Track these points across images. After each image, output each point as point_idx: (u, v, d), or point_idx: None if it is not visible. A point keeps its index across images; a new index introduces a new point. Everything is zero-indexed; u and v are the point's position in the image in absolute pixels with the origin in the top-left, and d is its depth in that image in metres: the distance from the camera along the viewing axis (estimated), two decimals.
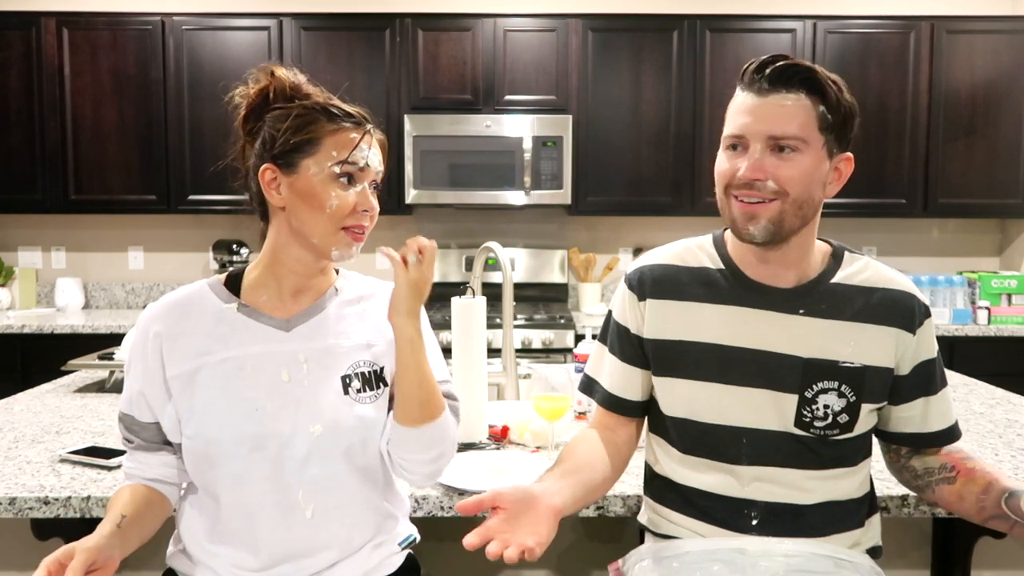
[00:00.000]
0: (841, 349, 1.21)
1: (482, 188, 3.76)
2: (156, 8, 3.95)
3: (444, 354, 1.37)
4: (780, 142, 1.15)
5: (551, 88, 3.80)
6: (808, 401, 1.20)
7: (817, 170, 1.17)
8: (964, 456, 1.28)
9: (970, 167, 3.85)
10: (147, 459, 1.24)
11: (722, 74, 3.81)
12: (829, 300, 1.23)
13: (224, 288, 1.26)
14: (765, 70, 1.16)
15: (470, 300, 1.73)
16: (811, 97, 1.16)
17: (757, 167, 1.16)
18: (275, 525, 1.19)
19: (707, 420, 1.24)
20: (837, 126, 1.17)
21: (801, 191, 1.16)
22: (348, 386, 1.23)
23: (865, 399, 1.22)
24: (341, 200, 1.18)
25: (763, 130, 1.16)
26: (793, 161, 1.16)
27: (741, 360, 1.23)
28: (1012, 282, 3.68)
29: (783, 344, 1.22)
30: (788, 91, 1.16)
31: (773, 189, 1.16)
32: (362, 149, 1.20)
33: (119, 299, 4.23)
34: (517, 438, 1.68)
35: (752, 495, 1.23)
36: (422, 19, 3.79)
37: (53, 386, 2.28)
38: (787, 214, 1.17)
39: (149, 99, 3.79)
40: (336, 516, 1.22)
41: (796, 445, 1.22)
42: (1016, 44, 3.81)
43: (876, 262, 1.29)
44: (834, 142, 1.18)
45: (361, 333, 1.27)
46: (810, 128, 1.15)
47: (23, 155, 3.80)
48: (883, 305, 1.23)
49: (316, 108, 1.19)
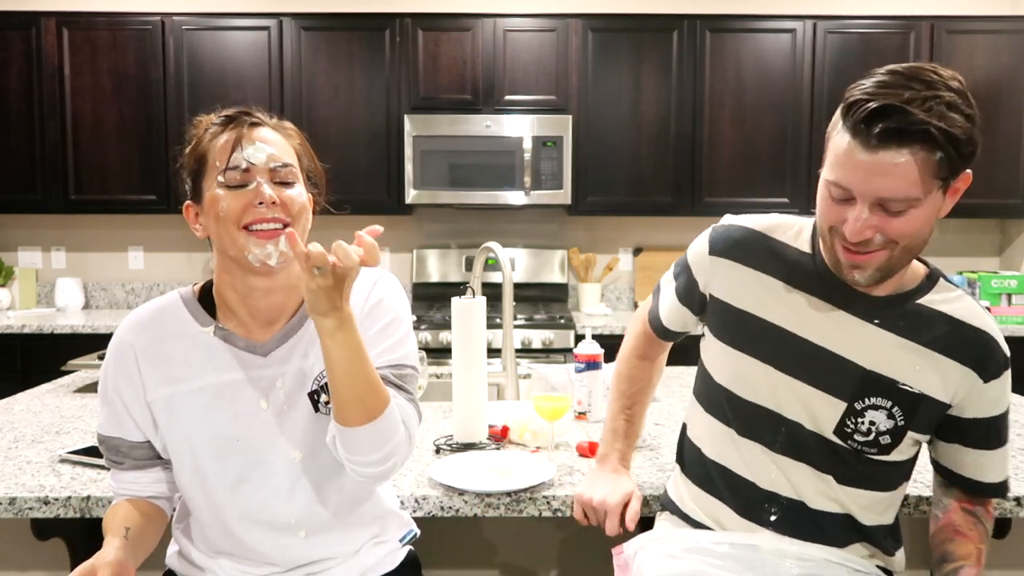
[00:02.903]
0: (905, 370, 1.16)
1: (482, 188, 3.75)
2: (156, 8, 3.95)
3: (444, 354, 1.36)
4: (891, 205, 1.05)
5: (551, 88, 3.80)
6: (856, 412, 1.17)
7: (933, 212, 1.08)
8: (973, 523, 1.24)
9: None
10: (139, 478, 1.22)
11: (722, 74, 3.81)
12: (910, 319, 1.17)
13: (199, 305, 1.21)
14: (874, 126, 1.02)
15: (470, 300, 1.73)
16: (927, 148, 1.02)
17: (865, 228, 1.07)
18: (271, 546, 1.18)
19: (750, 398, 1.23)
20: (957, 163, 1.04)
21: (913, 239, 1.09)
22: (317, 401, 1.18)
23: (914, 427, 1.18)
24: (229, 204, 1.10)
25: (871, 192, 1.05)
26: (905, 216, 1.06)
27: (800, 351, 1.19)
28: (1012, 282, 3.68)
29: (847, 348, 1.17)
30: (900, 147, 1.01)
31: (881, 241, 1.08)
32: (241, 149, 1.11)
33: (119, 299, 4.23)
34: (517, 438, 1.68)
35: (776, 488, 1.21)
36: (422, 19, 3.79)
37: (53, 386, 2.28)
38: (895, 260, 1.11)
39: (149, 99, 3.79)
40: (330, 531, 1.21)
41: (831, 452, 1.19)
42: (1016, 44, 3.81)
43: (971, 299, 1.20)
44: (956, 174, 1.06)
45: None
46: (926, 183, 1.03)
47: (23, 155, 3.79)
48: (964, 341, 1.16)
49: (210, 122, 1.17)
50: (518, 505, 1.38)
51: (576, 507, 1.34)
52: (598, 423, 1.85)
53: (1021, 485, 1.41)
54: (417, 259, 4.12)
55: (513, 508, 1.38)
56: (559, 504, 1.38)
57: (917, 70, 1.05)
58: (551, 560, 1.75)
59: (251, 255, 1.11)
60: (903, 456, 1.21)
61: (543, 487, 1.40)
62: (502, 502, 1.37)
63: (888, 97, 1.02)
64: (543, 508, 1.38)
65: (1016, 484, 1.41)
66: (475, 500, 1.37)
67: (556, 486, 1.41)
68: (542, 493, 1.38)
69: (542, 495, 1.38)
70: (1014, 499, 1.37)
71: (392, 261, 4.22)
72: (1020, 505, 1.37)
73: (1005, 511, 1.37)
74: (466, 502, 1.38)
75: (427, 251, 4.12)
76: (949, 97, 1.02)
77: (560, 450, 1.63)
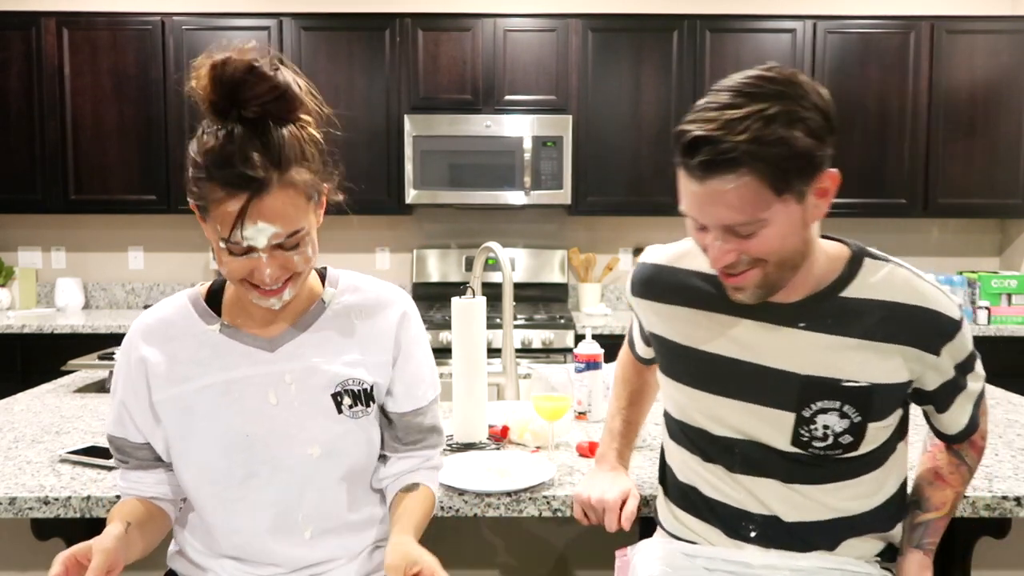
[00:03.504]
0: (845, 367, 1.12)
1: (482, 188, 3.75)
2: (156, 8, 3.95)
3: (444, 354, 1.36)
4: (738, 229, 1.04)
5: (551, 88, 3.80)
6: (806, 420, 1.14)
7: (792, 224, 1.04)
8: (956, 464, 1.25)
9: (970, 167, 3.85)
10: (143, 478, 1.22)
11: (722, 74, 3.74)
12: (837, 315, 1.13)
13: (205, 305, 1.21)
14: (693, 158, 1.01)
15: (470, 300, 1.73)
16: (750, 170, 0.99)
17: (723, 254, 1.07)
18: (273, 547, 1.18)
19: (701, 426, 1.23)
20: (795, 173, 1.01)
21: (782, 251, 1.06)
22: (340, 404, 1.19)
23: (873, 418, 1.14)
24: (230, 267, 1.10)
25: (713, 221, 1.05)
26: (759, 236, 1.04)
27: (736, 372, 1.18)
28: (1012, 282, 3.68)
29: (780, 359, 1.15)
30: (724, 174, 1.00)
31: (748, 261, 1.07)
32: (240, 229, 1.05)
33: (119, 299, 4.23)
34: (517, 438, 1.68)
35: (746, 507, 1.20)
36: (422, 19, 3.79)
37: (53, 386, 2.28)
38: (773, 274, 1.08)
39: (149, 99, 3.79)
40: (335, 533, 1.21)
41: (794, 462, 1.17)
42: (1016, 44, 3.81)
43: (904, 269, 1.15)
44: (807, 182, 1.03)
45: (349, 350, 1.21)
46: (764, 202, 1.01)
47: (23, 155, 3.79)
48: (903, 323, 1.12)
49: (213, 162, 1.04)
50: (518, 505, 1.38)
51: (575, 506, 1.35)
52: (598, 423, 1.85)
53: (1021, 485, 1.41)
54: (417, 259, 4.12)
55: (513, 508, 1.38)
56: (559, 504, 1.38)
57: (746, 84, 1.03)
58: (551, 560, 1.75)
59: (252, 298, 1.13)
60: (876, 443, 1.17)
61: (543, 487, 1.40)
62: (502, 502, 1.37)
63: (702, 125, 1.01)
64: (543, 508, 1.38)
65: (1016, 484, 1.41)
66: (475, 500, 1.37)
67: (556, 486, 1.41)
68: (542, 493, 1.38)
69: (542, 495, 1.38)
70: (1014, 499, 1.37)
71: (392, 261, 4.22)
72: (1020, 505, 1.37)
73: (1005, 511, 1.37)
74: (466, 502, 1.38)
75: (427, 251, 4.12)
76: (774, 109, 0.99)
77: (560, 450, 1.63)
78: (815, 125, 1.01)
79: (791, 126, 0.99)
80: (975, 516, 1.37)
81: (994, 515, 1.37)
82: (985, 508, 1.36)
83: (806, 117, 1.00)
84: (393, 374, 1.25)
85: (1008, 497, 1.36)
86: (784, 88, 1.01)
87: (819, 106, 1.02)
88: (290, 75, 1.09)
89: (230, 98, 1.05)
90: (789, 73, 1.04)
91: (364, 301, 1.25)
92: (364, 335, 1.23)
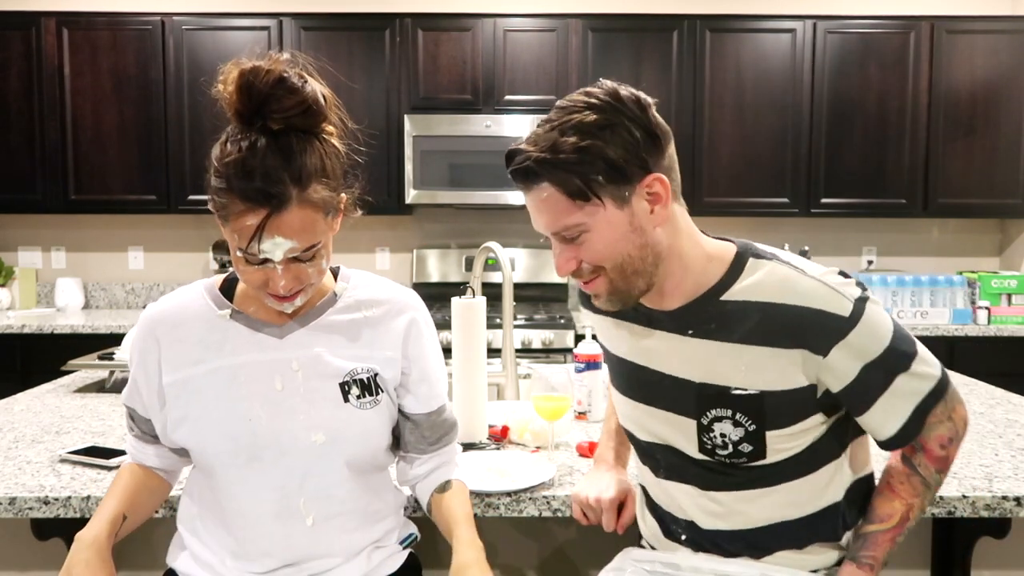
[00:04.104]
0: (732, 374, 1.09)
1: (482, 188, 3.75)
2: (156, 8, 3.95)
3: (444, 354, 1.37)
4: (563, 234, 1.08)
5: (551, 88, 3.80)
6: (705, 428, 1.12)
7: (616, 229, 1.06)
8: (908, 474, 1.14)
9: (970, 167, 3.85)
10: (145, 449, 1.29)
11: (722, 74, 3.81)
12: (719, 319, 1.10)
13: (219, 294, 1.25)
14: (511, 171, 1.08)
15: (470, 300, 1.73)
16: (552, 176, 1.05)
17: (563, 261, 1.10)
18: (274, 532, 1.18)
19: (630, 431, 1.27)
20: (609, 175, 1.04)
21: (614, 257, 1.08)
22: (347, 393, 1.21)
23: (770, 426, 1.09)
24: (246, 276, 1.13)
25: (540, 228, 1.11)
26: (585, 243, 1.07)
27: (645, 379, 1.19)
28: (1012, 282, 3.68)
29: (676, 367, 1.14)
30: (534, 184, 1.07)
31: (590, 268, 1.10)
32: (258, 242, 1.07)
33: (119, 299, 4.23)
34: (517, 438, 1.68)
35: (672, 510, 1.22)
36: (422, 19, 3.79)
37: (53, 386, 2.28)
38: (618, 281, 1.10)
39: (149, 99, 3.79)
40: (337, 523, 1.21)
41: (708, 470, 1.15)
42: (1016, 44, 3.81)
43: (786, 266, 1.10)
44: (621, 186, 1.05)
45: (357, 343, 1.24)
46: (574, 208, 1.05)
47: (23, 155, 3.80)
48: (780, 325, 1.06)
49: (234, 172, 1.06)
50: (518, 505, 1.38)
51: (574, 506, 1.35)
52: (598, 423, 1.85)
53: (1021, 485, 1.41)
54: (417, 259, 4.12)
55: (513, 508, 1.38)
56: (559, 504, 1.38)
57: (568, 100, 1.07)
58: (551, 560, 1.75)
59: (266, 302, 1.17)
60: (791, 451, 1.11)
61: (543, 487, 1.40)
62: (502, 502, 1.37)
63: (519, 141, 1.08)
64: (543, 508, 1.38)
65: (1016, 484, 1.41)
66: (475, 500, 1.37)
67: (556, 486, 1.41)
68: (542, 493, 1.38)
69: (542, 495, 1.38)
70: (1014, 499, 1.37)
71: (392, 261, 4.22)
72: (1020, 505, 1.37)
73: (1005, 511, 1.37)
74: None
75: (427, 251, 4.12)
76: (575, 119, 1.04)
77: (560, 450, 1.64)
78: (623, 134, 1.04)
79: (589, 136, 1.03)
80: (975, 516, 1.37)
81: (994, 515, 1.36)
82: (985, 508, 1.36)
83: (612, 125, 1.04)
84: (414, 375, 1.28)
85: (1008, 497, 1.36)
86: (598, 101, 1.05)
87: (635, 117, 1.05)
88: (318, 87, 1.11)
89: (257, 109, 1.07)
90: (611, 88, 1.07)
91: (375, 297, 1.28)
92: (373, 329, 1.25)
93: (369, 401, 1.22)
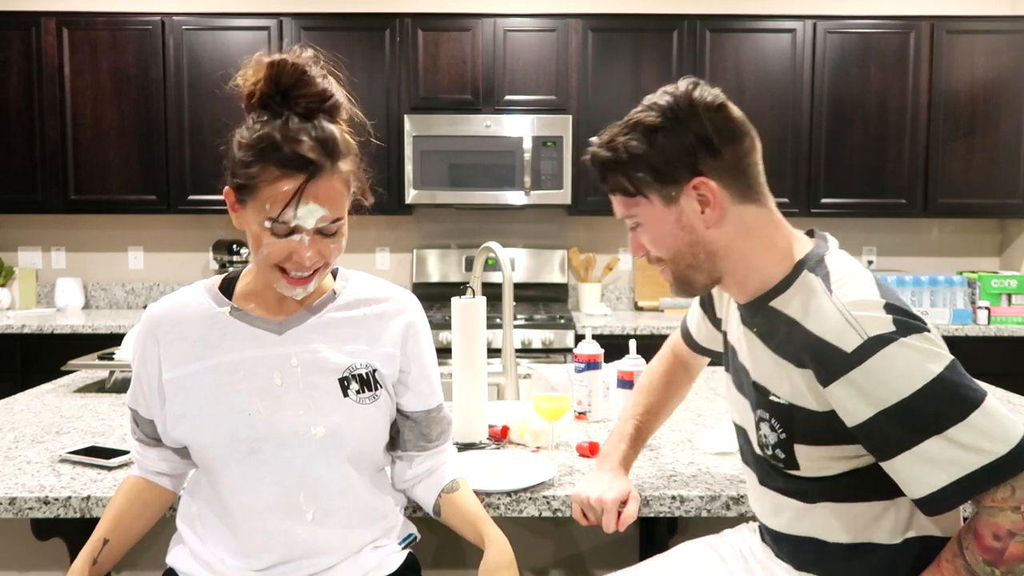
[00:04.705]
0: (771, 378, 1.12)
1: (482, 188, 3.75)
2: (156, 8, 3.95)
3: (444, 354, 1.38)
4: (626, 222, 1.19)
5: (551, 88, 3.80)
6: (757, 424, 1.16)
7: (664, 225, 1.13)
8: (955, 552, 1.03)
9: (970, 167, 3.85)
10: (148, 452, 1.29)
11: (722, 74, 3.81)
12: (768, 323, 1.12)
13: (218, 292, 1.26)
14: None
15: (470, 300, 1.73)
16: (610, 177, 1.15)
17: (632, 247, 1.20)
18: (274, 527, 1.19)
19: (730, 412, 1.31)
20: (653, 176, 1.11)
21: (668, 249, 1.15)
22: (347, 388, 1.22)
23: (798, 439, 1.09)
24: (271, 249, 1.14)
25: (616, 215, 1.20)
26: (640, 232, 1.17)
27: (736, 364, 1.25)
28: (1012, 282, 3.68)
29: (748, 360, 1.19)
30: (602, 175, 1.17)
31: (655, 257, 1.18)
32: (295, 207, 1.11)
33: (119, 299, 4.23)
34: (517, 438, 1.68)
35: (750, 498, 1.26)
36: (422, 19, 3.79)
37: (53, 386, 2.28)
38: (679, 273, 1.17)
39: (149, 99, 3.79)
40: (337, 519, 1.22)
41: (762, 466, 1.18)
42: (1016, 44, 3.81)
43: (821, 284, 1.06)
44: (666, 186, 1.10)
45: (356, 339, 1.26)
46: (628, 203, 1.15)
47: (23, 155, 3.79)
48: (799, 344, 1.06)
49: (270, 144, 1.11)
50: (518, 505, 1.38)
51: (574, 506, 1.34)
52: (598, 423, 1.85)
53: None
54: (417, 259, 4.12)
55: (513, 508, 1.38)
56: (559, 504, 1.38)
57: (646, 100, 1.15)
58: (551, 560, 1.75)
59: (278, 286, 1.18)
60: (825, 471, 1.09)
61: (543, 487, 1.40)
62: (502, 502, 1.37)
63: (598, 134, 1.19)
64: (543, 508, 1.38)
65: None
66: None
67: (556, 486, 1.41)
68: (542, 493, 1.38)
69: (542, 495, 1.38)
70: None
71: (392, 261, 4.22)
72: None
73: None
74: None
75: (427, 251, 4.12)
76: (636, 119, 1.13)
77: (560, 450, 1.64)
78: (675, 138, 1.09)
79: (643, 137, 1.11)
80: None
81: None
82: None
83: (665, 128, 1.09)
84: (414, 373, 1.30)
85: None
86: (664, 103, 1.11)
87: (693, 120, 1.09)
88: (336, 87, 1.20)
89: (284, 95, 1.14)
90: (685, 90, 1.12)
91: (373, 295, 1.30)
92: (372, 326, 1.27)
93: (368, 396, 1.23)
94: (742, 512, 1.38)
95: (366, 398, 1.23)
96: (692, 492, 1.38)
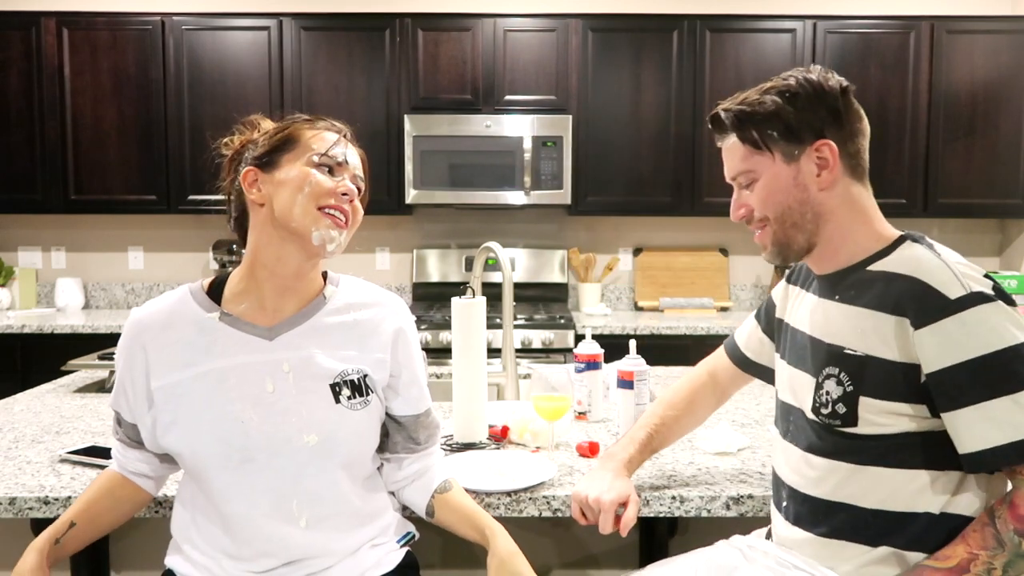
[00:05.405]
0: (850, 336, 1.16)
1: (482, 188, 3.75)
2: (156, 8, 3.95)
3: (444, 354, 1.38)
4: (738, 179, 1.25)
5: (551, 88, 3.80)
6: (819, 386, 1.19)
7: (779, 181, 1.20)
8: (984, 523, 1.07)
9: (970, 167, 3.85)
10: (127, 453, 1.29)
11: (722, 74, 3.81)
12: (858, 286, 1.18)
13: (206, 296, 1.25)
14: (708, 118, 1.29)
15: (470, 300, 1.73)
16: (737, 130, 1.22)
17: (736, 206, 1.26)
18: (269, 534, 1.18)
19: (780, 394, 1.33)
20: (783, 133, 1.19)
21: (777, 208, 1.21)
22: (339, 395, 1.22)
23: (865, 392, 1.12)
24: (319, 186, 1.19)
25: (728, 172, 1.27)
26: (753, 189, 1.23)
27: (798, 342, 1.28)
28: (1012, 282, 3.68)
29: (818, 329, 1.23)
30: (724, 135, 1.25)
31: (759, 218, 1.23)
32: (340, 145, 1.23)
33: (119, 299, 4.23)
34: (517, 438, 1.68)
35: (783, 474, 1.27)
36: (422, 19, 3.79)
37: (53, 386, 2.28)
38: (780, 233, 1.22)
39: (149, 99, 3.79)
40: (331, 523, 1.21)
41: (814, 430, 1.20)
42: (1016, 44, 3.81)
43: (929, 250, 1.15)
44: (791, 144, 1.19)
45: (347, 344, 1.25)
46: (749, 157, 1.22)
47: (23, 155, 3.79)
48: (897, 292, 1.11)
49: (295, 119, 1.26)
50: (518, 505, 1.38)
51: (573, 505, 1.34)
52: (598, 423, 1.85)
53: None
54: (417, 259, 4.12)
55: (513, 508, 1.38)
56: (559, 504, 1.38)
57: (785, 73, 1.24)
58: (551, 560, 1.75)
59: (317, 233, 1.19)
60: (880, 429, 1.12)
61: (543, 487, 1.40)
62: (502, 502, 1.38)
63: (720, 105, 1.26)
64: (543, 508, 1.38)
65: None
66: (475, 500, 1.37)
67: (556, 486, 1.41)
68: (542, 493, 1.38)
69: (542, 495, 1.38)
70: None
71: (392, 261, 4.22)
72: None
73: None
74: None
75: (427, 251, 4.12)
76: (775, 85, 1.21)
77: (560, 450, 1.64)
78: (807, 104, 1.19)
79: (779, 99, 1.19)
80: None
81: None
82: None
83: (800, 95, 1.19)
84: (404, 378, 1.30)
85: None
86: (802, 78, 1.21)
87: (826, 96, 1.20)
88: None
89: None
90: (821, 73, 1.23)
91: (363, 300, 1.29)
92: (362, 331, 1.26)
93: (360, 402, 1.23)
94: (742, 512, 1.38)
95: (358, 404, 1.23)
96: (692, 492, 1.39)
